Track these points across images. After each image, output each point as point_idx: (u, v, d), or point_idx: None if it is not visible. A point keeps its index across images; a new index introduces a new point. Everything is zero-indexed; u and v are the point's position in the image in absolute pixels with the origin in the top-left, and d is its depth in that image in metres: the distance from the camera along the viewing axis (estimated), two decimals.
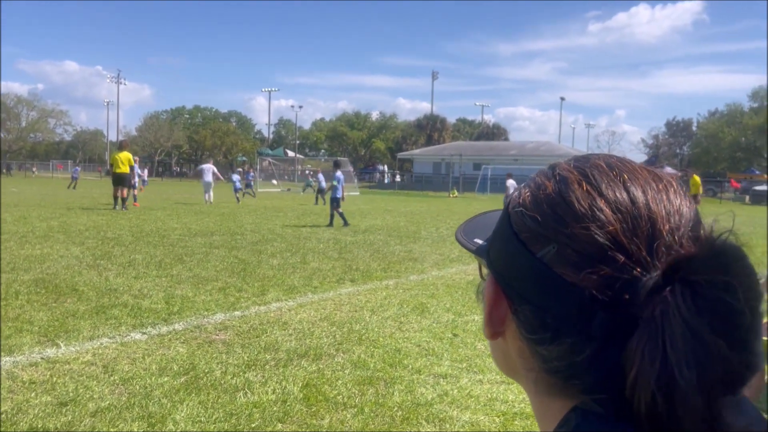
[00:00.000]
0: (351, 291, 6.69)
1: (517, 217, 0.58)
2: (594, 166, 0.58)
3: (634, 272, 0.50)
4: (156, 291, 6.27)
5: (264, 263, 8.28)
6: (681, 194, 0.56)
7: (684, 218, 0.53)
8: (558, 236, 0.54)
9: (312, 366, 4.12)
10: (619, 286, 0.50)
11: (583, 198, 0.54)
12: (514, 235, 0.58)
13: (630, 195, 0.54)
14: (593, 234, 0.52)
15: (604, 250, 0.51)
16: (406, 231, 13.89)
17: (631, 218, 0.52)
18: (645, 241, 0.51)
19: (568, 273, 0.52)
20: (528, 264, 0.55)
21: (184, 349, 4.40)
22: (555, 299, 0.53)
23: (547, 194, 0.57)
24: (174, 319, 5.21)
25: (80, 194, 26.48)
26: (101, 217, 14.47)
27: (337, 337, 4.83)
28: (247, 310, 5.62)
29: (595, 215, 0.52)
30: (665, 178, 0.58)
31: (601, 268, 0.50)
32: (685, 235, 0.52)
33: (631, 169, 0.57)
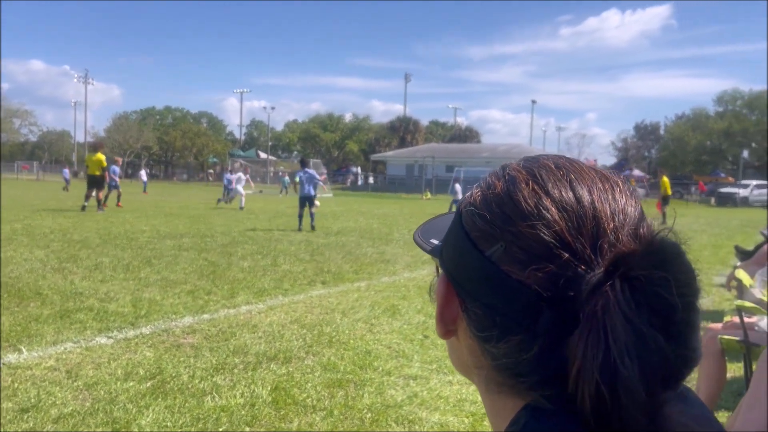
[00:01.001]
0: (322, 293, 6.66)
1: (468, 216, 0.59)
2: (542, 166, 0.59)
3: (578, 269, 0.51)
4: (123, 294, 6.16)
5: (234, 266, 8.20)
6: (627, 193, 0.57)
7: (628, 217, 0.54)
8: (505, 235, 0.55)
9: (281, 369, 4.08)
10: (563, 283, 0.50)
11: (529, 197, 0.55)
12: (464, 234, 0.59)
13: (576, 194, 0.54)
14: (539, 232, 0.52)
15: (550, 248, 0.52)
16: (378, 233, 13.89)
17: (576, 217, 0.53)
18: (589, 239, 0.52)
19: (515, 271, 0.53)
20: (477, 262, 0.56)
21: (151, 353, 4.33)
22: (502, 297, 0.54)
23: (496, 193, 0.58)
24: (141, 323, 5.13)
25: (53, 196, 25.94)
26: (68, 220, 14.18)
27: (307, 339, 4.80)
28: (216, 313, 5.56)
29: (541, 214, 0.53)
30: (612, 178, 0.59)
31: (547, 265, 0.51)
32: (628, 233, 0.53)
33: (578, 169, 0.58)
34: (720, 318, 5.84)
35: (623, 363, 0.45)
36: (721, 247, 12.92)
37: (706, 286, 7.94)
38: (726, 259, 10.70)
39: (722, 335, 3.09)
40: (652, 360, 0.46)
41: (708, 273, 9.16)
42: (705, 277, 7.41)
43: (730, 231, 18.09)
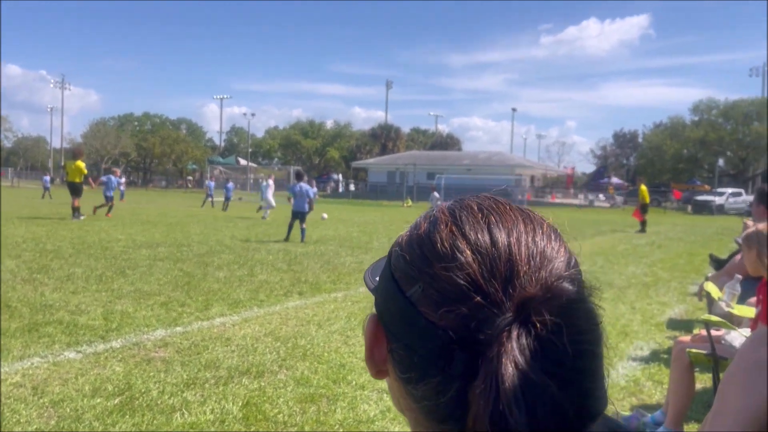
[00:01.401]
0: (298, 304, 6.62)
1: (394, 256, 0.61)
2: (465, 207, 0.59)
3: (489, 312, 0.51)
4: (94, 306, 6.06)
5: (210, 276, 8.11)
6: (549, 235, 0.58)
7: (546, 260, 0.54)
8: (423, 276, 0.55)
9: (253, 384, 4.03)
10: (474, 325, 0.51)
11: (446, 239, 0.56)
12: (390, 274, 0.60)
13: (492, 237, 0.55)
14: (452, 274, 0.53)
15: (463, 291, 0.52)
16: (358, 241, 13.86)
17: (490, 260, 0.53)
18: (501, 282, 0.52)
19: (431, 312, 0.53)
20: (399, 303, 0.57)
21: (121, 368, 4.25)
22: (420, 339, 0.54)
23: (419, 234, 0.59)
24: (112, 336, 5.04)
25: (28, 204, 25.52)
26: (41, 228, 13.96)
27: (281, 353, 4.75)
28: (190, 326, 5.49)
29: (455, 256, 0.54)
30: (536, 219, 0.60)
31: (459, 307, 0.52)
32: (537, 277, 0.52)
33: (501, 210, 0.59)
34: (692, 327, 5.91)
35: (511, 413, 0.45)
36: (696, 255, 13.08)
37: (680, 294, 8.06)
38: (701, 268, 10.83)
39: (690, 348, 3.11)
40: (543, 409, 0.46)
41: (683, 281, 9.27)
42: (680, 285, 7.49)
43: (705, 239, 18.34)
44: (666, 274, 10.09)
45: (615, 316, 6.54)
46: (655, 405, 3.90)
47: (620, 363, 4.82)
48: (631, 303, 7.31)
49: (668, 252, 14.00)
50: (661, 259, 12.43)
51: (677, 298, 7.80)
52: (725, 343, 2.99)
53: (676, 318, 6.63)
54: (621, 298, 7.59)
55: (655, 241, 16.99)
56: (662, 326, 6.19)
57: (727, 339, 3.00)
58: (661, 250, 14.50)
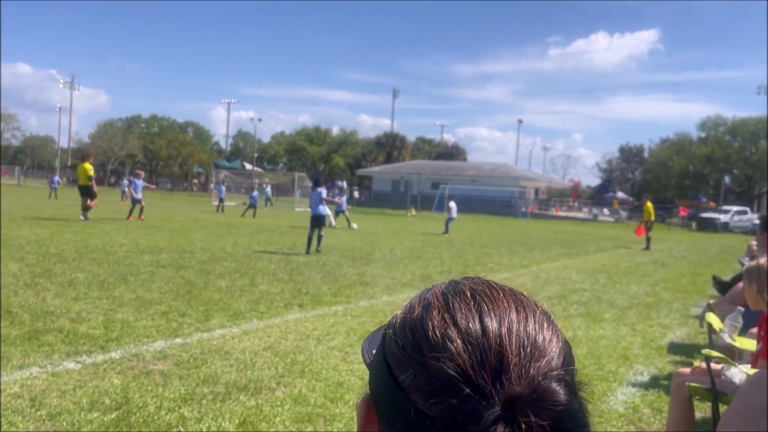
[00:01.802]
0: (298, 317, 6.61)
1: (388, 339, 0.61)
2: (458, 293, 0.59)
3: (478, 405, 0.51)
4: (95, 314, 6.07)
5: (211, 285, 8.12)
6: (542, 324, 0.58)
7: (537, 351, 0.54)
8: (414, 364, 0.55)
9: (251, 401, 4.03)
10: (462, 418, 0.50)
11: (438, 326, 0.56)
12: (383, 358, 0.60)
13: (483, 326, 0.55)
14: (443, 365, 0.53)
15: (452, 382, 0.52)
16: (360, 252, 13.85)
17: (480, 351, 0.53)
18: (491, 374, 0.52)
19: (420, 401, 0.53)
20: (391, 388, 0.57)
21: (119, 381, 4.25)
22: (410, 427, 0.54)
23: (412, 319, 0.59)
24: (111, 347, 5.04)
25: (34, 204, 25.62)
26: (46, 230, 14.01)
27: (279, 368, 4.75)
28: (189, 338, 5.49)
29: (446, 345, 0.54)
30: (530, 306, 0.59)
31: (448, 398, 0.52)
32: (526, 373, 0.52)
33: (493, 297, 0.59)
34: (693, 352, 5.89)
35: None
36: (699, 276, 13.04)
37: (682, 317, 8.02)
38: (704, 289, 10.79)
39: (690, 382, 3.09)
40: None
41: (685, 303, 9.23)
42: (682, 307, 7.44)
43: (709, 258, 18.29)
44: (668, 294, 10.06)
45: (616, 338, 6.51)
46: None
47: (620, 389, 4.79)
48: (632, 325, 7.28)
49: (671, 271, 13.95)
50: (664, 278, 12.39)
51: (679, 321, 7.77)
52: (725, 378, 2.98)
53: (677, 342, 6.60)
54: (622, 319, 7.56)
55: (659, 259, 16.94)
56: (663, 350, 6.16)
57: (727, 374, 2.98)
58: (665, 268, 14.46)
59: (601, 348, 6.04)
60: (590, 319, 7.48)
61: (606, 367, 5.38)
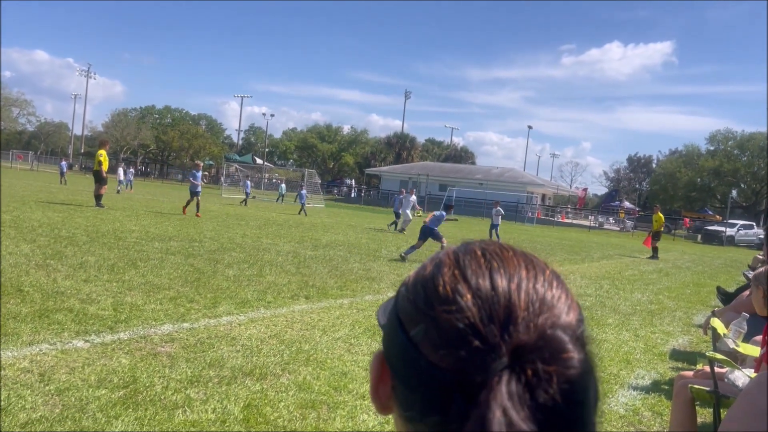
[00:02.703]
0: (304, 308, 6.66)
1: (400, 296, 0.63)
2: (469, 252, 0.61)
3: (486, 357, 0.52)
4: (105, 297, 6.14)
5: (219, 273, 8.18)
6: (551, 282, 0.59)
7: (545, 306, 0.55)
8: (425, 318, 0.57)
9: (256, 385, 4.08)
10: (471, 369, 0.52)
11: (449, 282, 0.57)
12: (396, 314, 0.61)
13: (493, 282, 0.56)
14: (453, 317, 0.54)
15: (462, 334, 0.53)
16: (366, 248, 13.90)
17: (489, 305, 0.55)
18: (500, 327, 0.53)
19: (431, 354, 0.55)
20: (403, 343, 0.58)
21: (127, 361, 4.31)
22: (421, 379, 0.55)
23: (424, 276, 0.61)
24: (120, 328, 5.11)
25: (46, 188, 25.80)
26: (57, 214, 14.12)
27: (284, 356, 4.80)
28: (197, 323, 5.55)
29: (456, 299, 0.55)
30: (539, 265, 0.61)
31: (458, 351, 0.53)
32: (533, 324, 0.54)
33: (504, 256, 0.60)
34: (695, 359, 5.89)
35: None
36: (703, 286, 13.01)
37: (685, 325, 8.03)
38: (707, 299, 10.77)
39: (693, 384, 3.12)
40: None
41: (688, 312, 9.23)
42: (685, 315, 7.44)
43: (713, 270, 18.22)
44: (672, 303, 10.05)
45: (618, 342, 6.53)
46: None
47: (621, 391, 4.82)
48: (635, 330, 7.30)
49: (675, 281, 13.93)
50: (668, 287, 12.37)
51: (682, 329, 7.77)
52: (728, 381, 3.00)
53: (679, 349, 6.61)
54: (625, 325, 7.58)
55: (663, 268, 16.89)
56: (665, 356, 6.18)
57: (730, 378, 3.01)
58: (669, 278, 14.43)
59: (603, 351, 6.06)
60: (593, 323, 7.49)
61: (608, 369, 5.40)
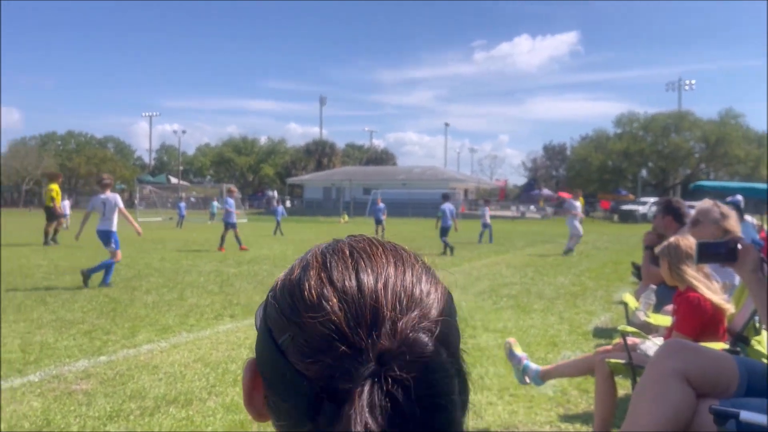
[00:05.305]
0: (230, 327, 6.48)
1: (269, 303, 0.60)
2: (336, 251, 0.59)
3: (353, 363, 0.50)
4: (12, 338, 5.75)
5: (137, 301, 7.84)
6: (420, 277, 0.57)
7: (413, 304, 0.54)
8: (292, 325, 0.55)
9: (181, 413, 3.92)
10: (339, 376, 0.50)
11: (315, 286, 0.55)
12: (264, 322, 0.59)
13: (359, 283, 0.55)
14: (318, 324, 0.53)
15: (328, 341, 0.52)
16: (292, 260, 13.65)
17: (355, 308, 0.53)
18: (366, 330, 0.52)
19: (299, 363, 0.53)
20: (272, 351, 0.56)
21: (39, 403, 4.04)
22: (290, 388, 0.53)
23: (291, 281, 0.59)
24: (29, 370, 4.80)
25: None
26: None
27: (210, 379, 4.64)
28: (114, 355, 5.28)
29: (321, 305, 0.54)
30: (408, 259, 0.59)
31: (325, 358, 0.51)
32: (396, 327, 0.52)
33: (372, 253, 0.58)
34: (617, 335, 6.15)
35: None
36: (620, 264, 13.61)
37: (606, 303, 8.37)
38: (625, 276, 11.28)
39: (609, 358, 3.23)
40: None
41: (608, 290, 9.63)
42: (605, 294, 7.74)
43: (630, 247, 19.12)
44: (593, 283, 10.46)
45: (544, 326, 6.72)
46: (582, 414, 4.03)
47: None
48: (559, 313, 7.54)
49: (595, 261, 14.52)
50: (589, 268, 12.88)
51: (603, 307, 8.09)
52: (640, 351, 3.13)
53: (601, 327, 6.88)
54: (550, 309, 7.81)
55: (584, 251, 17.58)
56: (589, 335, 6.40)
57: (642, 348, 3.13)
58: (589, 259, 15.03)
59: (530, 337, 6.21)
60: (520, 310, 7.68)
61: (536, 354, 5.54)
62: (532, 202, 57.39)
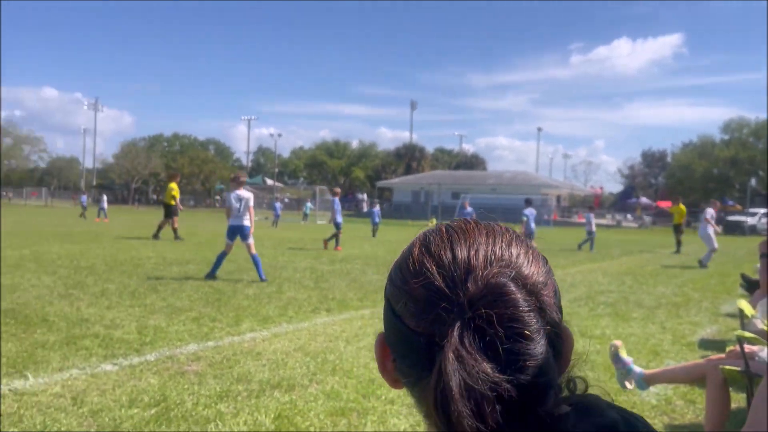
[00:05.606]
0: (326, 321, 6.68)
1: (387, 281, 0.71)
2: (435, 230, 0.70)
3: (449, 315, 0.59)
4: (128, 321, 6.20)
5: (239, 293, 8.23)
6: (509, 243, 0.66)
7: (503, 262, 0.63)
8: (403, 293, 0.65)
9: (284, 397, 4.09)
10: (440, 327, 0.59)
11: (417, 259, 0.66)
12: (386, 296, 0.70)
13: (453, 251, 0.64)
14: (421, 288, 0.62)
15: (431, 300, 0.61)
16: (383, 260, 13.90)
17: (451, 271, 0.62)
18: (460, 287, 0.60)
19: (412, 323, 0.62)
20: (392, 319, 0.66)
21: (156, 380, 4.35)
22: (408, 346, 0.63)
23: (400, 258, 0.70)
24: (146, 350, 5.16)
25: (62, 222, 26.10)
26: (76, 246, 14.29)
27: (310, 367, 4.81)
28: (221, 341, 5.58)
29: (422, 272, 0.63)
30: (496, 231, 0.68)
31: (429, 314, 0.61)
32: (482, 277, 0.60)
33: (464, 230, 0.68)
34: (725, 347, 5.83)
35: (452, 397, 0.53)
36: (727, 276, 12.85)
37: (712, 315, 7.93)
38: (732, 289, 10.64)
39: (724, 365, 3.09)
40: (481, 390, 0.54)
41: (714, 302, 9.12)
42: (711, 305, 7.36)
43: (737, 260, 18.00)
44: (697, 294, 9.94)
45: (645, 335, 6.47)
46: (688, 425, 3.87)
47: None
48: (661, 323, 7.23)
49: (699, 272, 13.78)
50: (692, 279, 12.24)
51: (709, 319, 7.69)
52: (759, 359, 2.98)
53: (708, 338, 6.54)
54: (650, 318, 7.51)
55: (685, 262, 16.72)
56: (693, 346, 6.11)
57: (761, 355, 2.98)
58: (692, 270, 14.28)
59: (630, 344, 6.00)
60: (618, 318, 7.44)
61: (636, 362, 5.34)
62: (628, 210, 55.14)
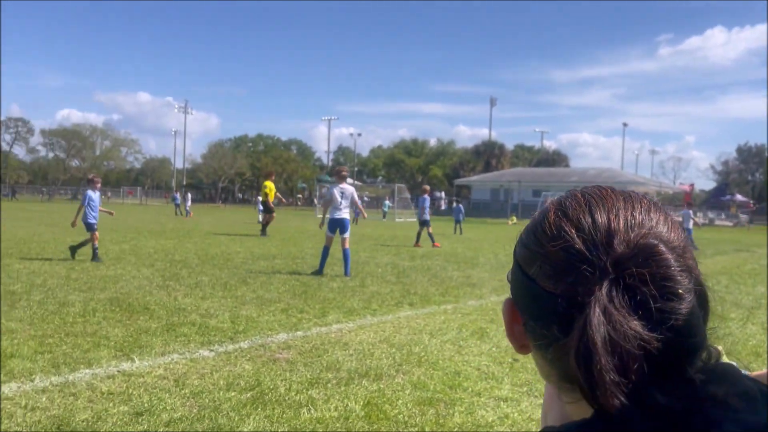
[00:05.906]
0: (409, 314, 6.76)
1: (517, 246, 0.72)
2: (570, 196, 0.70)
3: (592, 277, 0.59)
4: (222, 311, 6.50)
5: (324, 286, 8.45)
6: (648, 209, 0.66)
7: (644, 228, 0.62)
8: (538, 256, 0.65)
9: (373, 385, 4.19)
10: (582, 288, 0.59)
11: (554, 223, 0.65)
12: (516, 260, 0.71)
13: (592, 217, 0.64)
14: (560, 250, 0.62)
15: (571, 262, 0.61)
16: (463, 257, 13.86)
17: (591, 234, 0.62)
18: (602, 251, 0.60)
19: (549, 285, 0.63)
20: (524, 282, 0.67)
21: (250, 366, 4.55)
22: (544, 308, 0.63)
23: (534, 222, 0.70)
24: (239, 338, 5.40)
25: (155, 219, 27.56)
26: (169, 241, 15.06)
27: (396, 358, 4.89)
28: (309, 331, 5.76)
29: (561, 235, 0.63)
30: (634, 198, 0.68)
31: (569, 276, 0.61)
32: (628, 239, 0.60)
33: (602, 195, 0.68)
34: None
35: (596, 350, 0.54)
36: None
37: None
38: None
39: None
40: (628, 348, 0.54)
41: None
42: None
43: None
44: None
45: (744, 337, 6.17)
46: None
47: None
48: (762, 324, 6.85)
49: None
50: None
51: None
52: None
53: None
54: (750, 319, 7.14)
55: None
56: None
57: None
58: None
59: (727, 345, 5.72)
60: (713, 317, 7.09)
61: (739, 365, 5.11)
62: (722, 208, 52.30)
